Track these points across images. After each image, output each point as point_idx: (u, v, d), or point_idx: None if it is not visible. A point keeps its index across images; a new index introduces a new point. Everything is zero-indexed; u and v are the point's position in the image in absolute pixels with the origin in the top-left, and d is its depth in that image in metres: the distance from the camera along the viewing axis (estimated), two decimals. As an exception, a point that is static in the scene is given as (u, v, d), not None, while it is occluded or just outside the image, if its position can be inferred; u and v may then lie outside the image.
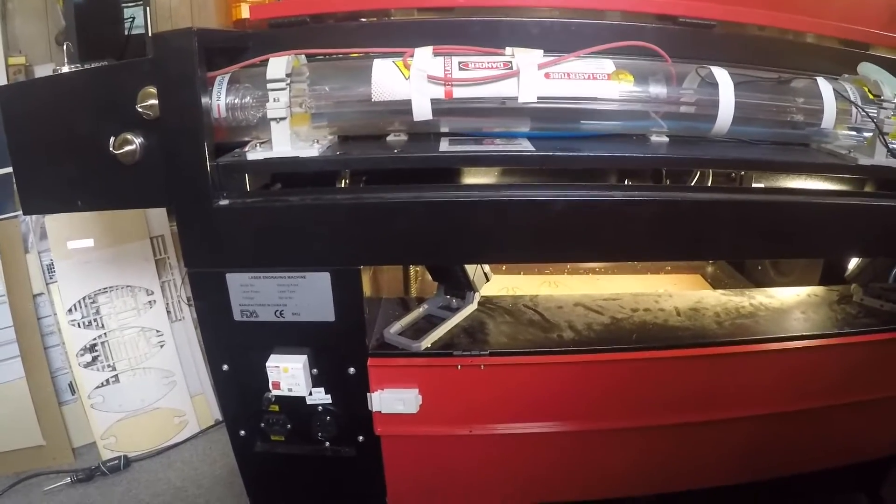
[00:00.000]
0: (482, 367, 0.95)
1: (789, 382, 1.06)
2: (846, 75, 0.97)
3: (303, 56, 0.90)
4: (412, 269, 1.27)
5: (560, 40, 0.90)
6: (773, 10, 0.98)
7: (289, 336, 0.93)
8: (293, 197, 0.86)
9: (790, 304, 1.16)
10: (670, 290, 1.22)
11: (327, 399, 0.97)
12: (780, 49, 1.00)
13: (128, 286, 1.72)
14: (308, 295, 0.90)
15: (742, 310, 1.12)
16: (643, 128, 0.92)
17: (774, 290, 1.23)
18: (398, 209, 0.84)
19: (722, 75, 0.88)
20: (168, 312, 1.77)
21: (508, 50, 0.86)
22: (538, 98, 0.84)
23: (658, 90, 0.87)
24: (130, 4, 2.06)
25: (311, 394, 0.96)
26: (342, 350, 0.94)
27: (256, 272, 0.89)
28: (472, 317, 1.07)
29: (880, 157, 0.91)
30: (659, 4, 0.95)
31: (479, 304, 1.10)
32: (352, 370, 0.95)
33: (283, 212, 0.85)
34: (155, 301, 1.74)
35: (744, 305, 1.14)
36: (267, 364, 0.92)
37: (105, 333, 1.70)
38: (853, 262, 1.17)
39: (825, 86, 0.91)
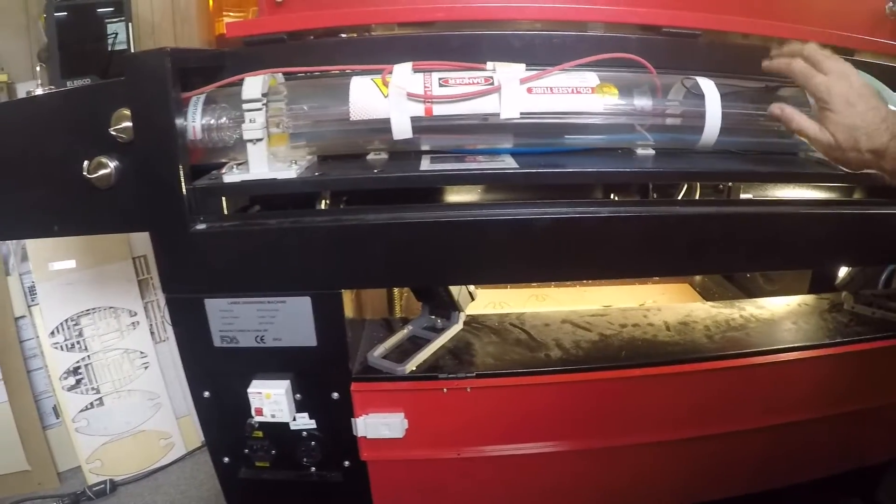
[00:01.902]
0: (468, 389, 0.93)
1: (783, 394, 1.04)
2: (833, 83, 0.95)
3: (280, 75, 0.87)
4: (396, 289, 1.24)
5: (543, 53, 0.87)
6: (756, 18, 0.97)
7: (270, 361, 0.90)
8: (271, 220, 0.83)
9: (781, 315, 1.14)
10: (659, 304, 1.19)
11: (312, 424, 0.94)
12: (765, 57, 0.98)
13: (111, 307, 1.68)
14: (289, 320, 0.87)
15: (732, 322, 1.10)
16: (629, 141, 0.89)
17: (764, 301, 1.21)
18: (378, 231, 0.81)
19: (708, 86, 0.86)
20: (152, 333, 1.74)
21: (490, 65, 0.84)
22: (521, 114, 0.82)
23: (643, 103, 0.85)
24: (113, 20, 2.03)
25: (294, 419, 0.93)
26: (325, 375, 0.91)
27: (236, 297, 0.86)
28: (457, 337, 1.05)
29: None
30: (642, 15, 0.93)
31: (465, 323, 1.08)
32: (335, 395, 0.92)
33: (261, 235, 0.82)
34: (138, 322, 1.71)
35: (734, 318, 1.12)
36: (249, 390, 0.89)
37: (88, 356, 1.67)
38: (843, 270, 1.16)
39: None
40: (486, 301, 1.47)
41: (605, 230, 0.83)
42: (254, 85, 0.80)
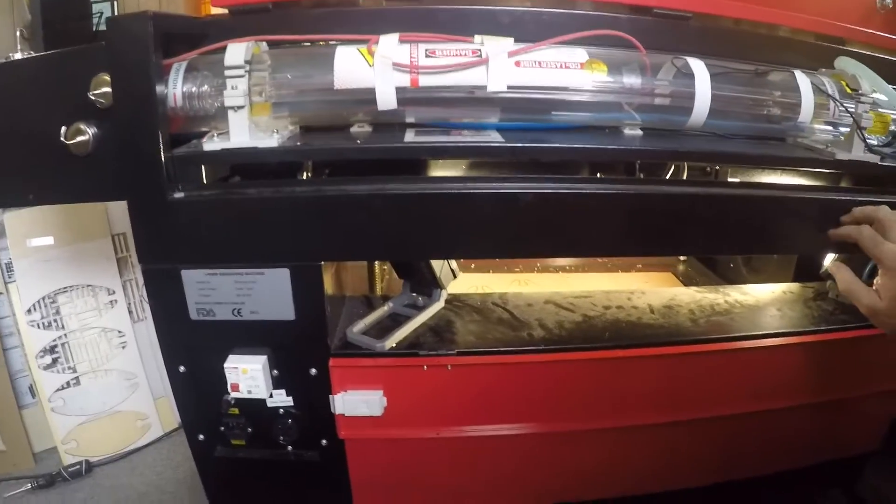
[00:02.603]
0: (449, 367, 0.91)
1: (766, 380, 1.03)
2: (823, 70, 0.94)
3: (264, 43, 0.85)
4: (377, 265, 1.22)
5: (531, 30, 0.85)
6: (749, 3, 0.96)
7: (248, 336, 0.89)
8: (250, 189, 0.81)
9: (765, 301, 1.13)
10: (643, 288, 1.18)
11: (289, 401, 0.92)
12: (756, 42, 0.97)
13: (89, 285, 1.66)
14: (267, 292, 0.85)
15: (717, 307, 1.09)
16: (616, 120, 0.88)
17: (749, 287, 1.20)
18: (360, 202, 0.79)
19: (698, 66, 0.85)
20: (130, 312, 1.71)
21: (477, 38, 0.82)
22: (508, 87, 0.80)
23: (632, 80, 0.84)
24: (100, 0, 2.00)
25: (271, 396, 0.91)
26: (303, 350, 0.89)
27: (213, 269, 0.84)
28: (438, 315, 1.03)
29: (858, 152, 0.88)
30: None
31: (447, 301, 1.06)
32: (313, 371, 0.90)
33: (240, 205, 0.81)
34: (116, 301, 1.69)
35: (719, 303, 1.11)
36: (225, 365, 0.87)
37: (65, 334, 1.64)
38: (828, 259, 1.15)
39: (803, 79, 0.89)
40: (469, 285, 1.45)
41: (590, 207, 0.83)
42: (236, 52, 0.78)
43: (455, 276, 1.05)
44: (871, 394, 1.11)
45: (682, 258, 1.64)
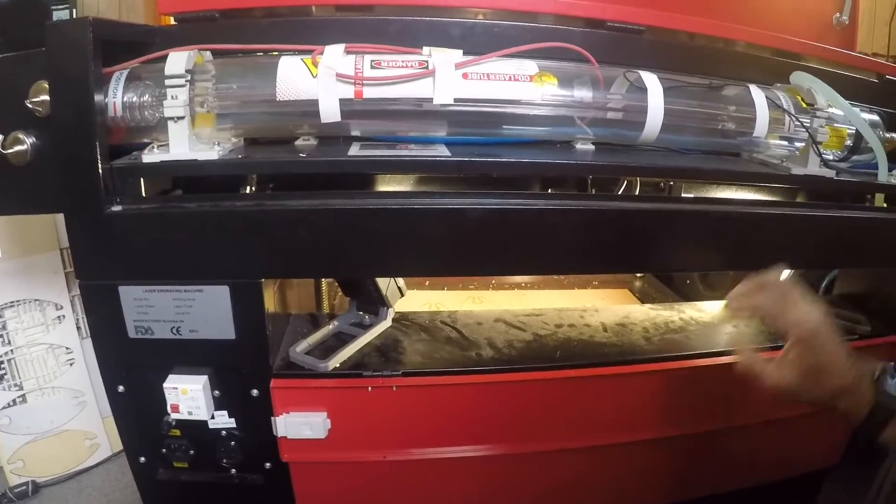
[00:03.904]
0: (394, 388, 0.89)
1: (723, 398, 1.02)
2: (778, 84, 0.95)
3: (208, 53, 0.83)
4: (324, 282, 1.19)
5: (482, 43, 0.85)
6: (703, 17, 0.96)
7: (188, 355, 0.86)
8: (190, 203, 0.79)
9: (721, 318, 1.13)
10: (597, 305, 1.17)
11: (231, 423, 0.89)
12: (711, 57, 0.98)
13: (36, 300, 1.61)
14: (206, 310, 0.82)
15: (671, 324, 1.09)
16: (568, 134, 0.87)
17: (704, 304, 1.20)
18: (301, 217, 0.77)
19: (651, 80, 0.84)
20: (78, 329, 1.66)
21: (426, 50, 0.81)
22: (455, 100, 0.79)
23: (583, 94, 0.83)
24: (59, 7, 1.97)
25: (213, 417, 0.89)
26: (244, 370, 0.86)
27: (151, 285, 0.81)
28: (385, 334, 1.01)
29: (813, 167, 0.89)
30: (586, 8, 0.91)
31: (394, 320, 1.04)
32: (255, 392, 0.87)
33: (179, 219, 0.78)
34: (64, 316, 1.64)
35: (673, 320, 1.10)
36: (164, 385, 0.84)
37: (12, 350, 1.59)
38: (784, 275, 1.15)
39: (757, 93, 0.89)
40: (422, 302, 1.43)
41: (540, 223, 0.81)
42: (178, 60, 0.77)
43: (402, 294, 1.02)
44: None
45: (638, 276, 1.63)
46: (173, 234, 0.79)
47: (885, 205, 1.01)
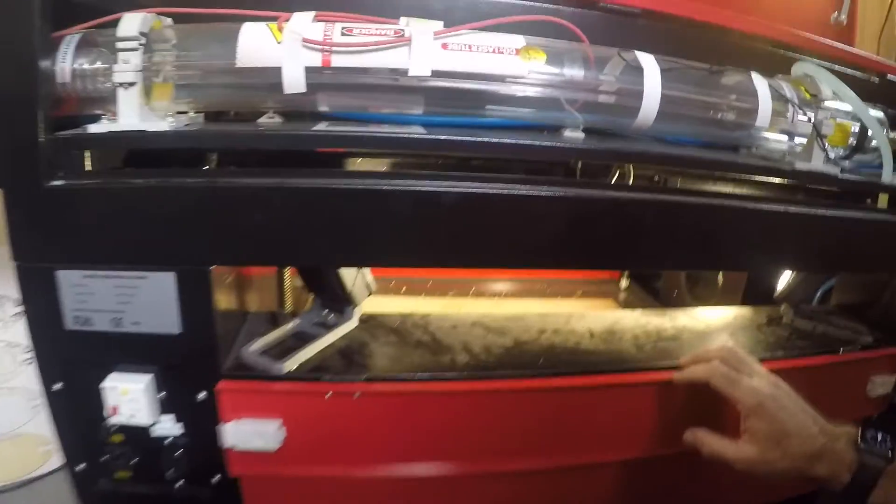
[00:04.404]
0: (356, 395, 0.76)
1: (719, 411, 0.90)
2: (780, 76, 0.85)
3: (169, 20, 0.73)
4: (287, 279, 1.06)
5: (466, 20, 0.74)
6: (702, 3, 0.86)
7: (130, 350, 0.74)
8: (136, 179, 0.67)
9: (715, 326, 1.02)
10: (583, 311, 1.06)
11: (178, 430, 0.77)
12: (708, 46, 0.87)
13: (-7, 295, 1.48)
14: (150, 300, 0.71)
15: (663, 332, 0.97)
16: (556, 119, 0.76)
17: (698, 311, 1.09)
18: (256, 197, 0.66)
19: (647, 60, 0.74)
20: (39, 326, 1.53)
21: (403, 20, 0.71)
22: (433, 72, 0.68)
23: (574, 72, 0.73)
24: None
25: (157, 422, 0.76)
26: (191, 370, 0.74)
27: (91, 270, 0.70)
28: (350, 336, 0.88)
29: (817, 163, 0.79)
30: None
31: (362, 321, 0.92)
32: (202, 395, 0.75)
33: (122, 196, 0.67)
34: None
35: (665, 327, 0.99)
36: (103, 384, 0.73)
37: (-33, 348, 1.46)
38: (781, 283, 1.06)
39: (760, 81, 0.79)
40: (397, 308, 1.30)
41: (524, 211, 0.70)
42: (132, 21, 0.66)
43: (371, 292, 0.91)
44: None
45: (623, 286, 1.53)
46: (116, 213, 0.68)
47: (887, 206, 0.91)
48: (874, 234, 0.86)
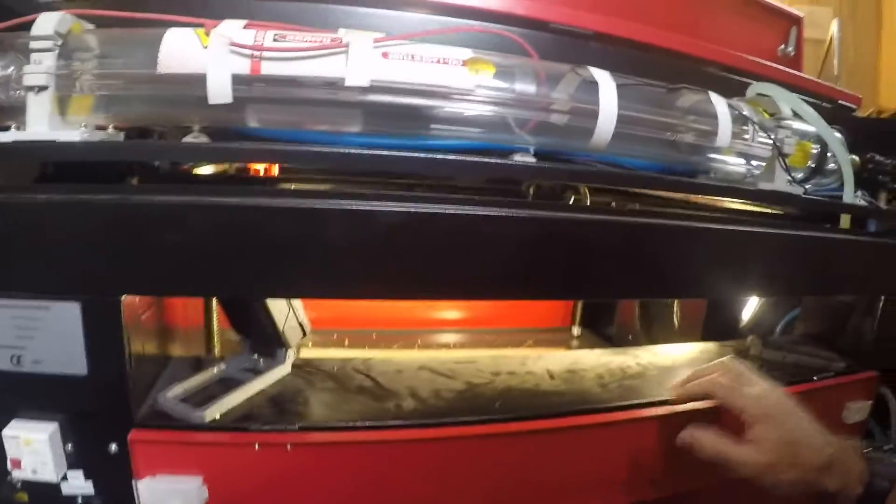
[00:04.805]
0: (289, 446, 0.65)
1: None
2: (735, 98, 0.80)
3: (90, 25, 0.64)
4: (215, 321, 0.91)
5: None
6: (656, 27, 0.82)
7: (32, 394, 0.62)
8: (39, 194, 0.57)
9: (682, 362, 0.94)
10: (539, 352, 0.96)
11: (88, 488, 0.65)
12: (661, 70, 0.81)
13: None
14: (53, 335, 0.60)
15: (628, 370, 0.89)
16: (505, 141, 0.69)
17: (661, 348, 1.01)
18: (173, 215, 0.57)
19: (603, 76, 0.68)
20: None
21: (341, 31, 0.64)
22: (373, 84, 0.60)
23: (526, 87, 0.66)
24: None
25: (65, 478, 0.64)
26: (100, 418, 0.63)
27: (-15, 297, 0.59)
28: (283, 382, 0.77)
29: (780, 183, 0.73)
30: (527, 7, 0.76)
31: (296, 366, 0.80)
32: (113, 447, 0.63)
33: (23, 212, 0.57)
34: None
35: (629, 365, 0.90)
36: (3, 432, 0.61)
37: None
38: (741, 317, 0.99)
39: (719, 100, 0.73)
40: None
41: (472, 233, 0.62)
42: (47, 21, 0.58)
43: (305, 333, 0.80)
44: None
45: (575, 334, 1.43)
46: (14, 232, 0.58)
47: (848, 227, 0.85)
48: (841, 254, 0.80)
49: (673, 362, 0.94)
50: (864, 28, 2.15)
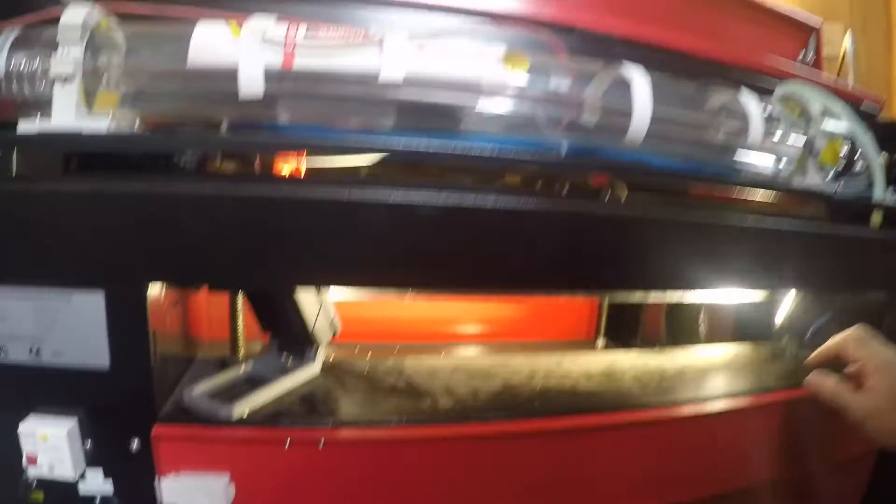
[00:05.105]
0: (322, 444, 0.61)
1: (754, 449, 0.78)
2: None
3: (114, 19, 0.62)
4: (240, 321, 0.87)
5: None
6: (681, 33, 0.80)
7: (51, 388, 0.59)
8: (59, 184, 0.56)
9: (719, 364, 0.91)
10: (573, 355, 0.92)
11: (107, 488, 0.61)
12: (687, 73, 0.80)
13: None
14: (74, 325, 0.57)
15: (665, 371, 0.85)
16: (539, 140, 0.66)
17: (693, 349, 0.97)
18: (202, 205, 0.54)
19: (636, 73, 0.65)
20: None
21: (374, 28, 0.62)
22: (407, 79, 0.58)
23: (561, 84, 0.64)
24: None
25: (83, 477, 0.61)
26: (122, 412, 0.59)
27: (6, 287, 0.57)
28: (312, 382, 0.73)
29: (812, 179, 0.71)
30: (554, 12, 0.74)
31: (325, 367, 0.76)
32: (135, 444, 0.60)
33: (45, 201, 0.55)
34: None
35: (665, 367, 0.86)
36: (20, 428, 0.58)
37: None
38: (770, 321, 0.96)
39: (749, 99, 0.71)
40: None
41: (513, 226, 0.59)
42: (76, 12, 0.56)
43: (336, 332, 0.76)
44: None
45: (599, 345, 1.39)
46: (36, 222, 0.55)
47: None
48: (873, 252, 0.77)
49: (710, 363, 0.91)
50: (875, 42, 2.14)
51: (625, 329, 1.25)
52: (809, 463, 0.83)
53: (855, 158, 0.76)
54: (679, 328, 1.18)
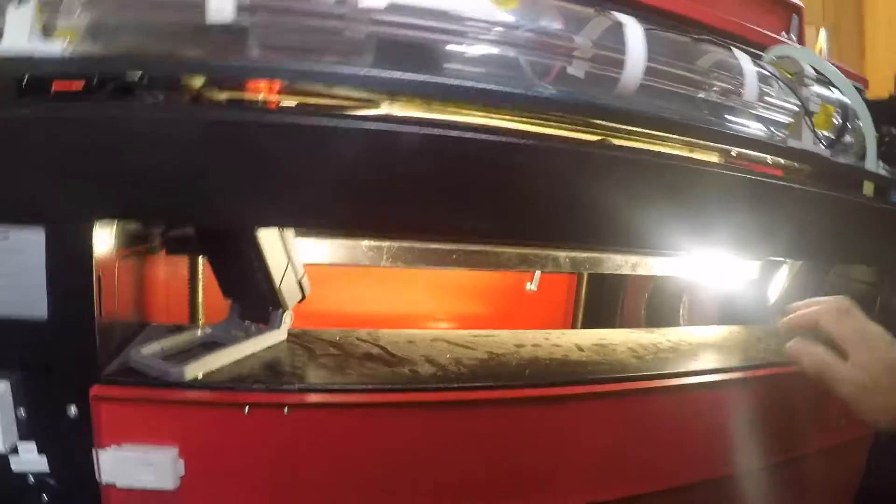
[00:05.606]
0: (286, 410, 0.52)
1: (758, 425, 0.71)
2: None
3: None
4: (200, 288, 0.76)
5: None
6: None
7: (-16, 346, 0.50)
8: (6, 110, 0.47)
9: (714, 341, 0.84)
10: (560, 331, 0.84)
11: (42, 464, 0.51)
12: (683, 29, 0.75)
13: None
14: (10, 268, 0.48)
15: (660, 345, 0.78)
16: (523, 87, 0.60)
17: (687, 328, 0.91)
18: (155, 129, 0.46)
19: (629, 20, 0.60)
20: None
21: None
22: (389, 5, 0.52)
23: (552, 25, 0.58)
24: None
25: (16, 451, 0.51)
26: (59, 373, 0.49)
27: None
28: (278, 348, 0.63)
29: (807, 142, 0.65)
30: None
31: (292, 335, 0.66)
32: (73, 410, 0.50)
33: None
34: None
35: (659, 342, 0.79)
36: (-58, 392, 0.48)
37: None
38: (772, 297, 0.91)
39: (743, 57, 0.66)
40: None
41: (505, 161, 0.52)
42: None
43: (304, 294, 0.66)
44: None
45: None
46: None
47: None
48: (866, 220, 0.72)
49: (704, 340, 0.85)
50: (848, 42, 2.16)
51: (602, 318, 1.19)
52: (804, 442, 0.77)
53: (847, 125, 0.71)
54: (659, 315, 1.12)
